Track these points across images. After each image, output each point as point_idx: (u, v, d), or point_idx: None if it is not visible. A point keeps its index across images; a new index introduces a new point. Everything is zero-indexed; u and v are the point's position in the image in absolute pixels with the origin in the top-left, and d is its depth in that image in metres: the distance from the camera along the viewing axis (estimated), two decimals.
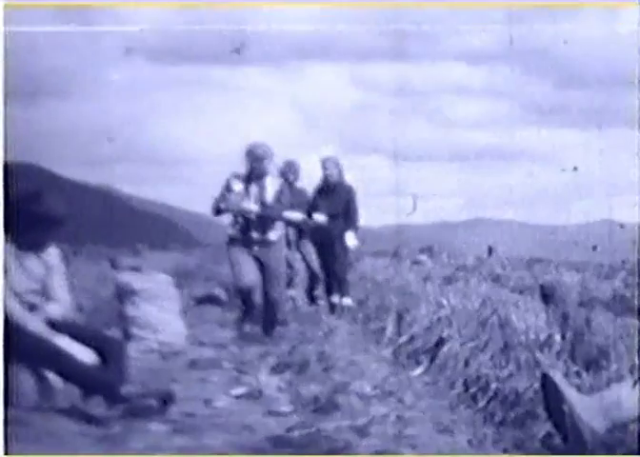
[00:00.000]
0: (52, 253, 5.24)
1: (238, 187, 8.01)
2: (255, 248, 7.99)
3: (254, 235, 7.99)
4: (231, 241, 8.10)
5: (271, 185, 8.05)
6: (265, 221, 7.99)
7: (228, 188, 8.03)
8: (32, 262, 5.14)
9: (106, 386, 4.84)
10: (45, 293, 5.16)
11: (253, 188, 8.02)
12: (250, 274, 7.90)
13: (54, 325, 5.06)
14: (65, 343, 4.97)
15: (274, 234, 8.07)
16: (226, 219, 8.11)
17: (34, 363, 4.92)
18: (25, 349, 4.93)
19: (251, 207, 7.99)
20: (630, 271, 11.48)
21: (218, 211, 8.05)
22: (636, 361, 5.41)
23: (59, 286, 5.21)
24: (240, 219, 7.99)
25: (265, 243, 8.01)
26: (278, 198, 8.04)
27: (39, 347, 4.92)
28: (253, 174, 7.97)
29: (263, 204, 7.98)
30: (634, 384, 4.50)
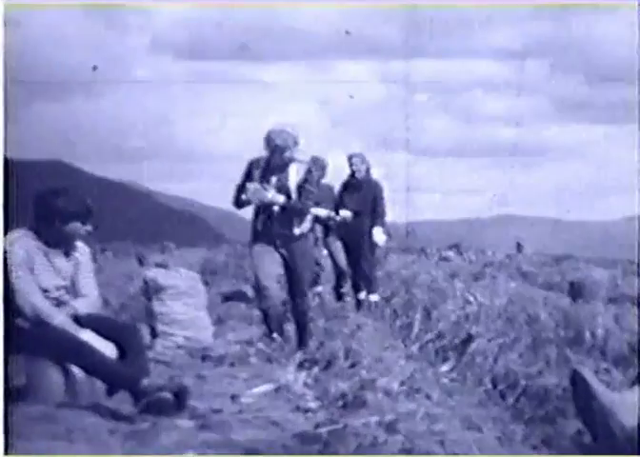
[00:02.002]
0: (81, 250, 5.25)
1: (256, 176, 7.22)
2: (279, 242, 7.22)
3: (278, 229, 7.22)
4: (255, 237, 7.37)
5: (296, 174, 7.23)
6: (289, 214, 7.20)
7: (249, 177, 7.25)
8: (61, 258, 5.15)
9: (126, 379, 4.84)
10: (73, 289, 5.18)
11: (276, 178, 7.22)
12: (270, 277, 7.16)
13: (79, 320, 5.07)
14: (89, 337, 4.98)
15: (299, 228, 7.31)
16: (249, 213, 7.35)
17: (59, 358, 4.93)
18: (49, 345, 4.94)
19: (277, 198, 7.17)
20: None
21: (240, 203, 7.29)
22: None
23: (87, 282, 5.23)
24: (263, 212, 7.22)
25: (289, 238, 7.23)
26: (304, 189, 7.23)
27: (64, 341, 4.93)
28: (275, 162, 7.18)
29: (288, 195, 7.19)
30: None
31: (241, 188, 7.18)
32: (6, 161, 4.84)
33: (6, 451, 4.17)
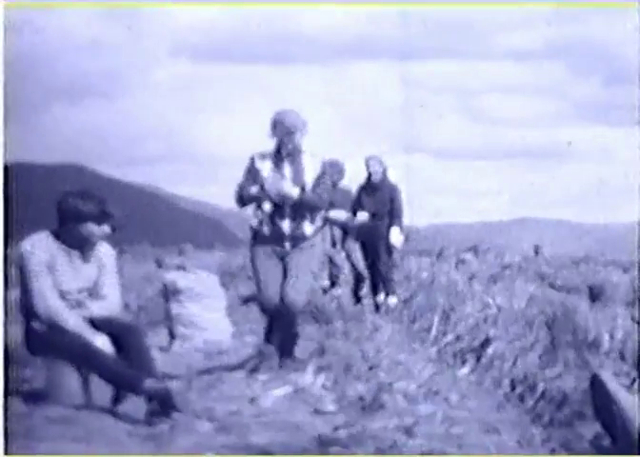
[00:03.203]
0: (106, 252, 5.26)
1: (267, 167, 6.47)
2: (287, 244, 6.43)
3: (286, 228, 6.43)
4: (256, 237, 6.55)
5: (312, 166, 6.50)
6: (300, 210, 6.43)
7: (252, 171, 6.49)
8: (83, 261, 5.16)
9: (129, 381, 4.84)
10: (95, 291, 5.19)
11: (287, 169, 6.47)
12: (275, 282, 6.41)
13: (94, 323, 5.07)
14: (101, 341, 4.99)
15: (310, 227, 6.50)
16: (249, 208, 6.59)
17: (69, 360, 4.95)
18: (61, 347, 4.96)
19: (292, 191, 6.39)
20: None
21: (244, 200, 6.50)
22: None
23: (109, 284, 5.23)
24: (267, 207, 6.43)
25: (298, 239, 6.44)
26: (320, 183, 6.49)
27: (71, 344, 4.95)
28: (284, 151, 6.45)
29: (302, 188, 6.43)
30: None
31: (244, 185, 6.46)
32: (5, 165, 4.86)
33: (6, 452, 4.18)
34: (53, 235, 5.09)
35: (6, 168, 4.85)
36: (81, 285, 5.13)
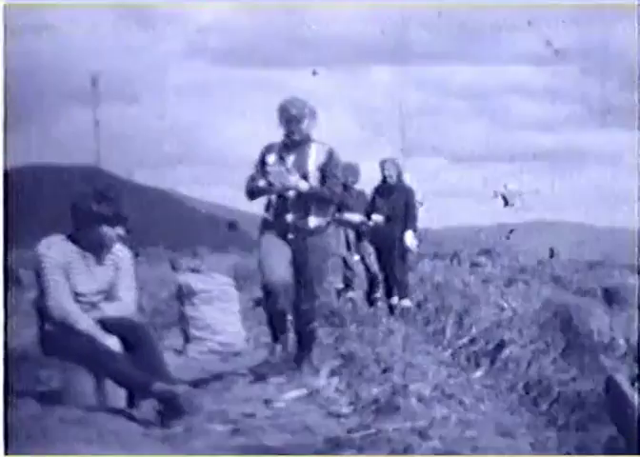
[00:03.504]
0: (122, 254, 5.27)
1: (272, 159, 6.30)
2: (290, 236, 6.27)
3: (290, 219, 6.26)
4: (265, 226, 6.40)
5: (317, 154, 6.26)
6: (305, 203, 6.23)
7: (263, 164, 6.31)
8: (99, 263, 5.17)
9: (138, 383, 4.85)
10: (110, 294, 5.20)
11: (293, 159, 6.27)
12: (280, 269, 6.22)
13: (105, 324, 5.08)
14: (111, 342, 4.99)
15: (314, 221, 6.29)
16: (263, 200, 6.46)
17: (79, 361, 4.96)
18: (72, 348, 4.97)
19: (301, 183, 6.21)
20: None
21: (254, 193, 6.33)
22: None
23: (125, 286, 5.24)
24: (275, 199, 6.29)
25: (302, 231, 6.25)
26: (328, 173, 6.25)
27: (82, 345, 4.96)
28: (291, 140, 6.25)
29: (303, 176, 6.23)
30: None
31: (254, 178, 6.30)
32: (5, 170, 4.87)
33: (6, 452, 4.19)
34: (69, 238, 5.11)
35: (6, 173, 4.87)
36: (96, 287, 5.14)
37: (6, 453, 4.15)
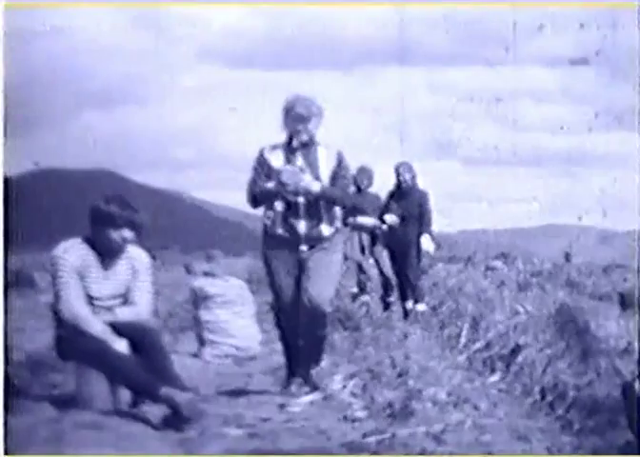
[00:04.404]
0: (139, 258, 5.27)
1: (279, 160, 5.75)
2: (303, 247, 5.71)
3: (301, 229, 5.68)
4: (269, 238, 5.81)
5: (327, 157, 5.76)
6: (318, 209, 5.68)
7: (263, 165, 5.77)
8: (116, 267, 5.17)
9: (146, 387, 4.85)
10: (126, 297, 5.20)
11: (300, 162, 5.72)
12: (295, 289, 5.75)
13: (115, 327, 5.08)
14: (121, 345, 5.00)
15: (328, 228, 5.75)
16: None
17: (94, 365, 4.96)
18: (84, 352, 4.98)
19: (312, 185, 5.64)
20: None
21: (258, 197, 5.76)
22: None
23: (141, 290, 5.24)
24: (281, 205, 5.69)
25: (315, 240, 5.70)
26: (338, 177, 5.75)
27: (93, 348, 4.96)
28: (297, 142, 5.73)
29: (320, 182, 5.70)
30: None
31: (255, 181, 5.75)
32: (5, 177, 4.88)
33: (6, 452, 4.20)
34: (86, 241, 5.12)
35: (6, 179, 4.87)
36: (111, 291, 5.15)
37: (6, 453, 4.15)
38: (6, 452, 4.16)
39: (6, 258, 4.84)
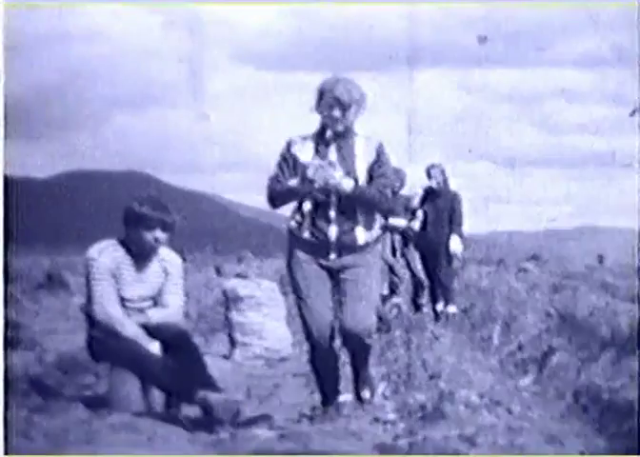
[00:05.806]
0: (172, 260, 5.28)
1: (308, 153, 4.90)
2: (332, 255, 4.85)
3: (332, 235, 4.83)
4: (296, 244, 4.93)
5: (365, 150, 4.89)
6: (352, 210, 4.82)
7: (289, 159, 4.91)
8: (148, 269, 5.19)
9: (182, 391, 4.86)
10: (158, 299, 5.21)
11: (333, 156, 4.87)
12: (329, 313, 4.91)
13: (148, 329, 5.09)
14: (155, 347, 5.01)
15: (364, 234, 4.88)
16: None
17: (128, 367, 4.97)
18: (117, 353, 5.00)
19: (343, 182, 4.77)
20: None
21: (280, 196, 4.91)
22: None
23: (173, 292, 5.24)
24: (308, 207, 4.85)
25: (348, 248, 4.84)
26: (378, 174, 4.89)
27: (129, 351, 4.97)
28: (331, 132, 4.88)
29: (354, 180, 4.83)
30: None
31: (278, 178, 4.90)
32: (5, 177, 4.90)
33: (6, 452, 4.21)
34: (120, 243, 5.13)
35: (6, 179, 4.89)
36: (144, 292, 5.16)
37: (6, 453, 4.17)
38: (6, 452, 4.18)
39: (33, 259, 4.86)
